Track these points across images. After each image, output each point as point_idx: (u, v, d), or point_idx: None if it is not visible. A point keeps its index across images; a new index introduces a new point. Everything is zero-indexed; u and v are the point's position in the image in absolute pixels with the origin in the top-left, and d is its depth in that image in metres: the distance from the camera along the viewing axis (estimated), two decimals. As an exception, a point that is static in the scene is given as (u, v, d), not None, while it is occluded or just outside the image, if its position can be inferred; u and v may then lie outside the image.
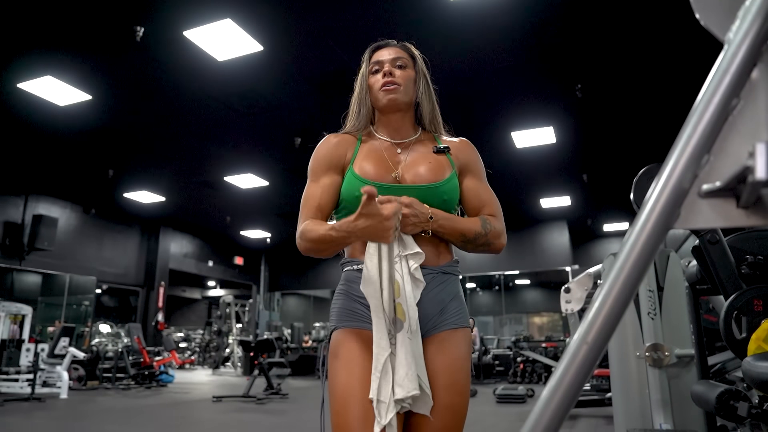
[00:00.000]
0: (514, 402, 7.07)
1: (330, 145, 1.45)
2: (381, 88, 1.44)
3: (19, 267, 10.96)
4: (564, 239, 13.41)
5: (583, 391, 3.70)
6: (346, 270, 1.40)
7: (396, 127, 1.48)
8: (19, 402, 7.45)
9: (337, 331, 1.34)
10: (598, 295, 0.55)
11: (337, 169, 1.42)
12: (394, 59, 1.48)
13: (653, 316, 2.22)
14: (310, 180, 1.42)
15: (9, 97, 6.94)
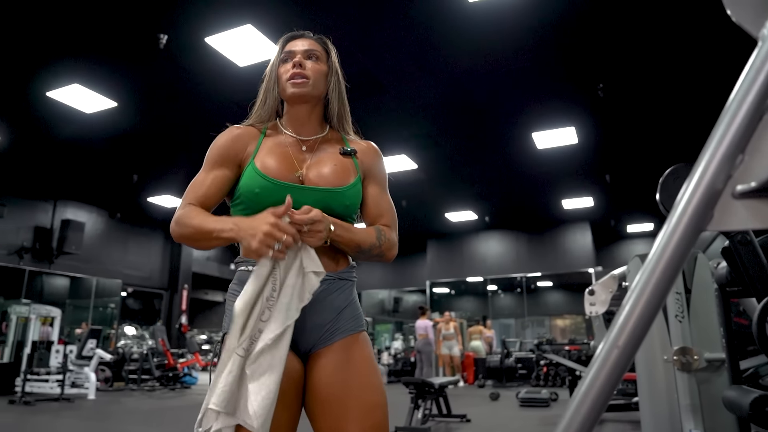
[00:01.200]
0: (538, 406, 6.99)
1: (230, 137, 1.37)
2: (289, 79, 1.37)
3: (49, 270, 11.21)
4: (587, 241, 13.24)
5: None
6: (241, 270, 1.32)
7: (302, 121, 1.42)
8: (49, 402, 7.61)
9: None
10: (629, 298, 0.54)
11: (231, 164, 1.34)
12: (307, 50, 1.41)
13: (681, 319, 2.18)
14: (202, 168, 1.36)
15: (39, 106, 7.11)
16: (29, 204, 10.91)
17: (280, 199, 1.18)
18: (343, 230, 1.27)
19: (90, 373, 8.65)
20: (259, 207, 1.22)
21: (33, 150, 8.91)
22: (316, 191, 1.31)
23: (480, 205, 12.18)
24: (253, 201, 1.28)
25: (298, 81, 1.36)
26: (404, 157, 8.95)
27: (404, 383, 5.27)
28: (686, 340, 2.14)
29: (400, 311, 17.07)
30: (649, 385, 2.25)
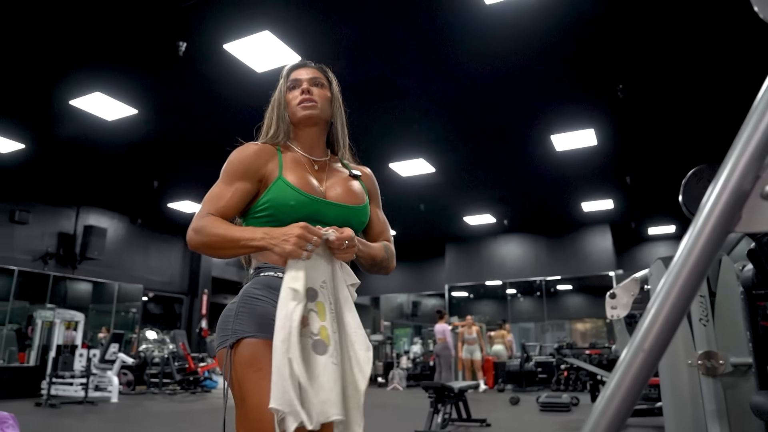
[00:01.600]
0: (559, 411, 6.91)
1: (250, 152, 1.42)
2: (299, 104, 1.48)
3: (72, 276, 11.40)
4: (607, 243, 13.09)
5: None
6: (268, 275, 1.35)
7: (313, 144, 1.52)
8: (73, 405, 7.73)
9: (254, 340, 1.25)
10: (654, 300, 0.53)
11: (253, 178, 1.40)
12: (312, 78, 1.53)
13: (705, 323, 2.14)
14: (221, 181, 1.40)
15: (62, 114, 7.25)
16: (53, 210, 11.13)
17: (312, 212, 1.35)
18: (364, 246, 1.39)
19: (113, 377, 8.78)
20: (290, 219, 1.31)
21: (56, 157, 9.09)
22: (340, 207, 1.42)
23: (499, 208, 12.11)
24: (285, 213, 1.35)
25: (308, 105, 1.47)
26: (422, 160, 8.95)
27: (423, 387, 5.25)
28: (711, 344, 2.11)
29: (419, 315, 17.03)
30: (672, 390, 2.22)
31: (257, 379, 1.20)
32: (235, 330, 1.27)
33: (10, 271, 10.31)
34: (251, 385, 1.21)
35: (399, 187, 10.25)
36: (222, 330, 1.31)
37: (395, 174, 9.50)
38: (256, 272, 1.38)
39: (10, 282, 10.35)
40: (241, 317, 1.29)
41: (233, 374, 1.25)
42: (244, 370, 1.23)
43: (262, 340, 1.25)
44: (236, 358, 1.25)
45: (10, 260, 10.29)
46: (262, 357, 1.22)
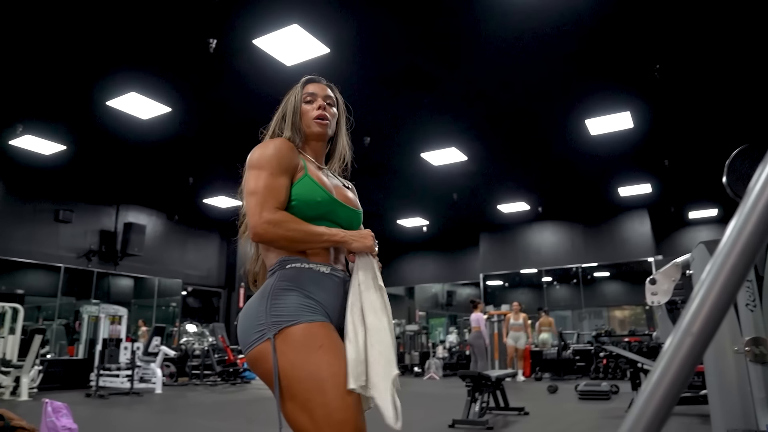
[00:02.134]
0: (598, 399, 6.81)
1: (288, 147, 1.49)
2: (315, 119, 1.58)
3: (114, 272, 11.76)
4: (645, 229, 12.77)
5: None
6: (293, 267, 1.40)
7: (316, 155, 1.63)
8: (120, 396, 8.00)
9: (304, 324, 1.31)
10: (702, 283, 0.52)
11: (289, 174, 1.46)
12: (326, 96, 1.63)
13: (752, 308, 2.07)
14: (269, 172, 1.42)
15: (100, 115, 7.46)
16: (94, 209, 11.48)
17: (329, 210, 1.46)
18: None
19: (156, 369, 9.04)
20: (312, 214, 1.43)
21: (96, 157, 9.36)
22: (349, 210, 1.54)
23: (532, 195, 11.94)
24: (310, 208, 1.43)
25: (324, 122, 1.58)
26: (453, 149, 8.88)
27: (460, 376, 5.24)
28: (759, 329, 2.04)
29: (454, 305, 16.98)
30: (718, 378, 2.16)
31: (322, 353, 1.27)
32: (273, 322, 1.30)
33: (56, 268, 10.70)
34: (314, 361, 1.26)
35: (431, 177, 10.21)
36: (255, 326, 1.32)
37: (427, 163, 9.46)
38: (281, 265, 1.41)
39: (57, 279, 10.75)
40: (277, 308, 1.32)
41: (284, 362, 1.26)
42: (303, 352, 1.26)
43: (309, 324, 1.31)
44: (285, 345, 1.27)
45: (56, 258, 10.67)
46: (317, 335, 1.29)
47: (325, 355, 1.26)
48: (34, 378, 8.09)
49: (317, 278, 1.40)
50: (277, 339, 1.28)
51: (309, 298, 1.36)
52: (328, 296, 1.40)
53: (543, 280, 14.64)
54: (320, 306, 1.37)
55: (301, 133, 1.59)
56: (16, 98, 7.13)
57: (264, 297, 1.35)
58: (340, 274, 1.47)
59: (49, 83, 6.71)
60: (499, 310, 12.02)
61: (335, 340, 1.32)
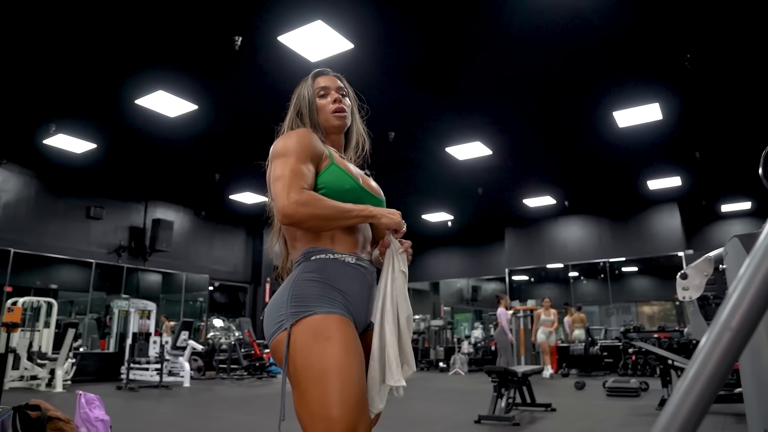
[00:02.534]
0: (627, 396, 6.71)
1: (311, 137, 1.48)
2: (333, 113, 1.58)
3: (143, 267, 12.00)
4: (675, 222, 12.50)
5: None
6: (319, 258, 1.40)
7: (337, 147, 1.63)
8: (150, 389, 8.17)
9: (319, 315, 1.30)
10: (742, 276, 0.50)
11: (315, 162, 1.46)
12: (339, 88, 1.63)
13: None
14: (295, 158, 1.41)
15: (128, 114, 7.60)
16: (124, 205, 11.71)
17: (356, 197, 1.45)
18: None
19: (184, 363, 9.21)
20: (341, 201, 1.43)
21: (125, 155, 9.54)
22: (375, 198, 1.55)
23: (558, 189, 11.79)
24: (339, 196, 1.42)
25: (342, 115, 1.59)
26: (478, 143, 8.81)
27: (486, 372, 5.21)
28: (796, 325, 1.97)
29: (479, 300, 16.89)
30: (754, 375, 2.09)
31: (328, 345, 1.25)
32: (291, 313, 1.30)
33: (88, 263, 10.96)
34: (322, 352, 1.24)
35: (456, 171, 10.15)
36: (276, 317, 1.33)
37: (452, 158, 9.41)
38: (306, 256, 1.41)
39: (88, 274, 11.01)
40: (298, 299, 1.32)
41: (295, 352, 1.26)
42: (312, 342, 1.26)
43: (325, 315, 1.30)
44: (298, 335, 1.27)
45: (88, 254, 10.93)
46: (329, 328, 1.27)
47: (331, 347, 1.25)
48: (68, 370, 8.31)
49: (342, 269, 1.40)
50: (293, 329, 1.28)
51: (332, 289, 1.36)
52: (353, 287, 1.40)
53: (569, 275, 14.45)
54: (343, 297, 1.36)
55: (321, 128, 1.59)
56: (50, 99, 7.31)
57: (287, 288, 1.36)
58: (366, 264, 1.46)
59: (80, 84, 6.85)
60: (525, 305, 11.91)
61: (347, 334, 1.29)
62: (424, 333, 13.91)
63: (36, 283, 10.97)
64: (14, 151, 9.49)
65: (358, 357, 1.29)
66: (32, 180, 10.20)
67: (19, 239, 9.85)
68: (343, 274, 1.39)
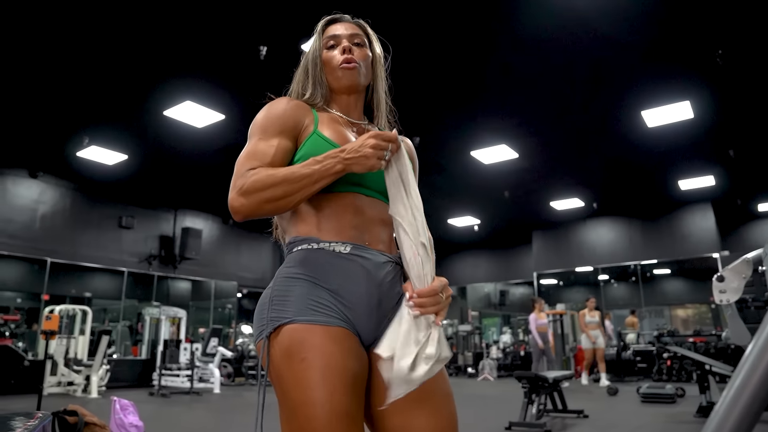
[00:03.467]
0: (662, 402, 6.54)
1: (289, 106, 1.26)
2: (340, 65, 1.29)
3: (173, 275, 12.21)
4: (709, 223, 12.18)
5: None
6: (302, 249, 1.15)
7: (350, 108, 1.34)
8: (181, 395, 8.29)
9: (296, 326, 1.06)
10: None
11: (291, 135, 1.22)
12: (352, 35, 1.33)
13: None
14: (257, 137, 1.21)
15: (157, 125, 7.76)
16: (154, 215, 11.95)
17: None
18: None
19: (214, 369, 9.31)
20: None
21: (155, 166, 9.75)
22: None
23: (587, 191, 11.61)
24: None
25: (350, 66, 1.28)
26: (504, 146, 8.74)
27: (516, 377, 5.14)
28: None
29: (507, 304, 16.73)
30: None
31: (301, 370, 1.03)
32: (271, 318, 1.10)
33: (120, 272, 11.20)
34: (294, 377, 1.04)
35: (482, 175, 10.08)
36: (258, 320, 1.14)
37: (478, 162, 9.35)
38: (289, 248, 1.19)
39: (121, 282, 11.25)
40: (277, 302, 1.11)
41: (271, 367, 1.09)
42: (285, 362, 1.05)
43: (303, 325, 1.06)
44: (274, 349, 1.08)
45: (120, 262, 11.17)
46: (305, 344, 1.04)
47: (306, 372, 1.02)
48: (102, 376, 8.48)
49: (332, 261, 1.12)
50: (273, 338, 1.09)
51: (318, 289, 1.11)
52: (348, 283, 1.11)
53: (600, 278, 14.21)
54: (334, 299, 1.10)
55: (324, 88, 1.33)
56: (83, 112, 7.51)
57: (270, 287, 1.16)
58: (371, 254, 1.15)
59: (112, 97, 7.02)
60: (554, 310, 11.75)
61: (329, 353, 1.04)
62: (452, 338, 13.82)
63: (71, 291, 11.25)
64: (50, 164, 9.77)
65: (343, 382, 1.02)
66: (67, 191, 10.48)
67: (55, 249, 10.12)
68: (334, 268, 1.12)
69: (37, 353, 9.32)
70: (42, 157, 9.49)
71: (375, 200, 1.21)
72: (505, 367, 12.34)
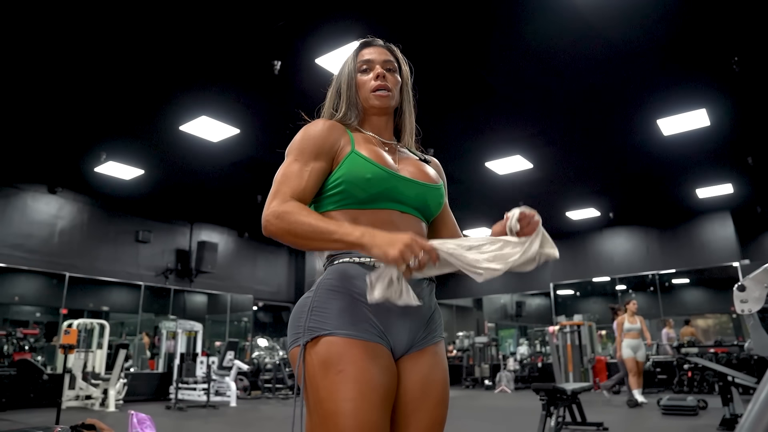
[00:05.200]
0: (684, 414, 6.42)
1: (325, 128, 1.32)
2: (373, 91, 1.37)
3: (190, 288, 12.28)
4: (728, 232, 12.00)
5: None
6: (343, 262, 1.21)
7: (381, 129, 1.42)
8: (198, 408, 8.30)
9: (335, 338, 1.12)
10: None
11: (327, 156, 1.28)
12: (385, 62, 1.42)
13: None
14: (294, 159, 1.28)
15: (173, 140, 7.86)
16: (170, 228, 12.06)
17: (389, 187, 1.24)
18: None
19: (230, 383, 9.32)
20: (365, 195, 1.23)
21: (171, 180, 9.86)
22: (418, 185, 1.31)
23: (602, 201, 11.51)
24: (360, 188, 1.23)
25: (383, 94, 1.37)
26: (518, 157, 8.71)
27: (534, 389, 5.08)
28: None
29: (523, 315, 16.58)
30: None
31: (337, 382, 1.07)
32: (309, 327, 1.15)
33: (137, 286, 11.30)
34: (329, 388, 1.08)
35: (496, 186, 10.05)
36: (295, 327, 1.19)
37: (492, 173, 9.33)
38: (330, 261, 1.25)
39: (138, 296, 11.34)
40: (317, 313, 1.16)
41: (306, 376, 1.13)
42: (321, 372, 1.10)
43: (341, 339, 1.12)
44: (311, 359, 1.12)
45: (137, 276, 11.27)
46: (343, 358, 1.10)
47: (343, 384, 1.07)
48: (120, 390, 8.53)
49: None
50: (309, 347, 1.14)
51: (357, 304, 1.16)
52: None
53: (617, 288, 14.04)
54: (371, 314, 1.16)
55: (359, 109, 1.40)
56: (101, 128, 7.63)
57: (309, 296, 1.22)
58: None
59: (128, 113, 7.13)
60: (571, 320, 11.62)
61: (364, 367, 1.09)
62: (469, 350, 13.71)
63: (89, 305, 11.37)
64: (69, 179, 9.93)
65: (377, 397, 1.08)
66: (85, 207, 10.63)
67: (73, 263, 10.25)
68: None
69: (55, 367, 9.42)
70: (61, 173, 9.65)
71: (411, 216, 1.29)
72: (523, 379, 12.20)
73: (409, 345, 1.21)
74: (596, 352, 11.75)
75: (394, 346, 1.18)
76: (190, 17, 5.20)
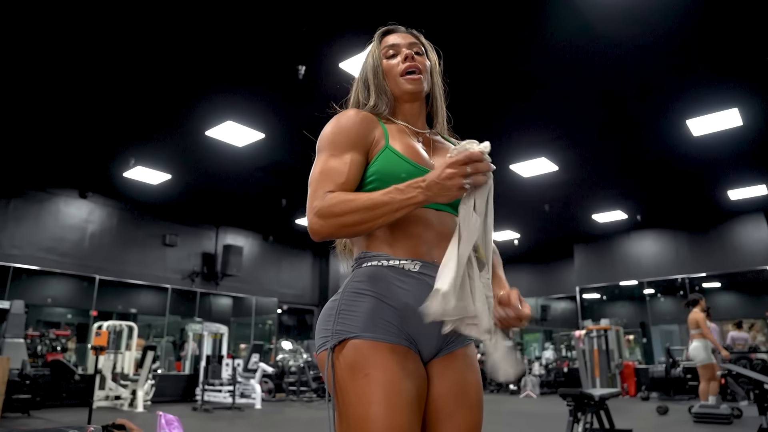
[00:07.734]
0: (717, 422, 6.24)
1: (358, 119, 1.24)
2: (403, 75, 1.29)
3: (215, 291, 12.43)
4: (762, 234, 11.66)
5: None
6: (371, 265, 1.17)
7: (415, 117, 1.35)
8: (223, 410, 8.38)
9: (362, 341, 1.09)
10: None
11: (362, 148, 1.20)
12: (411, 44, 1.35)
13: None
14: (328, 154, 1.20)
15: (199, 145, 7.97)
16: (196, 232, 12.23)
17: None
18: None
19: (255, 385, 9.39)
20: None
21: (197, 184, 10.00)
22: None
23: (630, 203, 11.30)
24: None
25: (415, 77, 1.30)
26: (544, 159, 8.61)
27: (561, 395, 5.00)
28: None
29: (549, 319, 16.37)
30: None
31: (364, 385, 1.06)
32: (336, 331, 1.12)
33: (164, 289, 11.48)
34: (356, 392, 1.06)
35: (521, 189, 9.95)
36: (323, 330, 1.16)
37: (517, 175, 9.24)
38: (358, 263, 1.21)
39: (165, 299, 11.52)
40: (344, 316, 1.13)
41: (335, 380, 1.11)
42: (348, 375, 1.08)
43: (368, 342, 1.09)
44: (339, 362, 1.10)
45: (164, 279, 11.45)
46: (369, 361, 1.07)
47: (369, 388, 1.05)
48: (148, 391, 8.66)
49: (400, 279, 1.14)
50: (336, 351, 1.12)
51: (385, 307, 1.12)
52: (414, 302, 1.10)
53: (645, 292, 13.76)
54: (399, 318, 1.12)
55: (389, 97, 1.32)
56: (129, 134, 7.79)
57: (336, 299, 1.18)
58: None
59: (156, 119, 7.27)
60: (598, 325, 11.43)
61: (391, 371, 1.06)
62: (493, 354, 13.57)
63: (118, 307, 11.58)
64: (99, 184, 10.15)
65: (404, 400, 1.06)
66: (114, 211, 10.85)
67: (103, 267, 10.46)
68: (401, 287, 1.13)
69: (86, 368, 9.61)
70: (91, 178, 9.87)
71: (443, 213, 1.23)
72: (548, 384, 12.04)
73: (439, 348, 1.18)
74: (624, 357, 11.53)
75: (422, 349, 1.16)
76: (216, 23, 5.28)
